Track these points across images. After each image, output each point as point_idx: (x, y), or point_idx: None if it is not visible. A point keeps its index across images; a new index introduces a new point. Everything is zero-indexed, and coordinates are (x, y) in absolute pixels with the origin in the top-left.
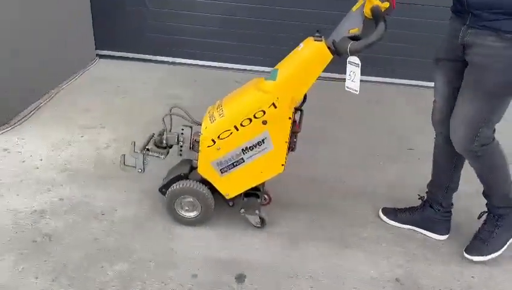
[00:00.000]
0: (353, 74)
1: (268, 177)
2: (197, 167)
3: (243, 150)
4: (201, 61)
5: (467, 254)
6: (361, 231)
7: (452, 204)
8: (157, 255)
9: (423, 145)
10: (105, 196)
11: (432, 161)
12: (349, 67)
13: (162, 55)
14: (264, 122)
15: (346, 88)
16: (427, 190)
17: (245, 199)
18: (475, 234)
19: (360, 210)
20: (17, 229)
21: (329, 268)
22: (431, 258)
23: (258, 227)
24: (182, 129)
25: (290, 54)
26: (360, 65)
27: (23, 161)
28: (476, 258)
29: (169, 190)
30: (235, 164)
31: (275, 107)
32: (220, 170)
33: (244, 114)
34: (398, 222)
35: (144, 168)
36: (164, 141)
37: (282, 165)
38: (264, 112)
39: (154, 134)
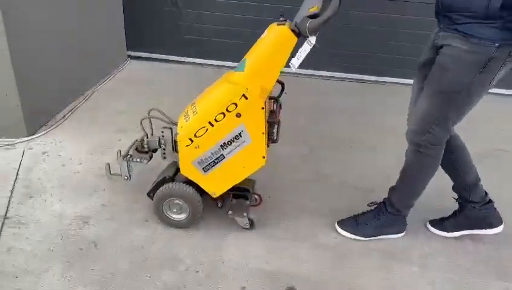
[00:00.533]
0: (303, 52)
1: (252, 172)
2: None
3: (221, 146)
4: (232, 63)
5: (338, 225)
6: (412, 244)
7: (486, 194)
8: (205, 265)
9: None
10: (148, 202)
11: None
12: (304, 46)
13: (193, 57)
14: (238, 115)
15: (290, 65)
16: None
17: (233, 200)
18: (357, 214)
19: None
20: (62, 235)
21: (381, 284)
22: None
23: (247, 228)
24: (162, 132)
25: (256, 42)
26: (313, 44)
27: (63, 165)
28: (343, 232)
29: (157, 193)
30: (216, 161)
31: (246, 98)
32: (203, 168)
33: (216, 109)
34: (446, 230)
35: (129, 175)
36: (146, 146)
37: (263, 157)
38: (236, 105)
39: (137, 140)
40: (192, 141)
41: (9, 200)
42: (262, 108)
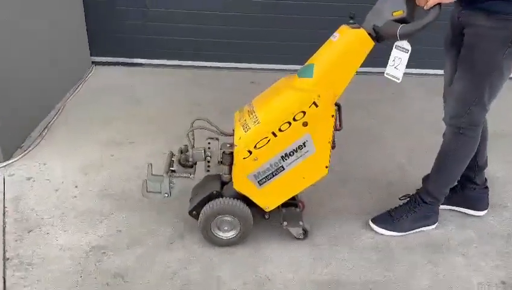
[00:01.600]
0: (398, 60)
1: (312, 183)
2: (227, 182)
3: (282, 157)
4: (208, 63)
5: (373, 223)
6: (445, 233)
7: (486, 180)
8: (249, 284)
9: None
10: (166, 220)
11: None
12: (394, 53)
13: (164, 58)
14: (305, 124)
15: (385, 75)
16: None
17: (283, 209)
18: (390, 209)
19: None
20: (80, 271)
21: (436, 280)
22: None
23: (300, 239)
24: (209, 143)
25: (323, 46)
26: (409, 51)
27: (57, 190)
28: (380, 230)
29: (203, 210)
30: (274, 173)
31: (316, 106)
32: (258, 181)
33: (282, 118)
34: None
35: (170, 192)
36: (190, 158)
37: (327, 167)
38: (305, 113)
39: (171, 152)
40: (250, 153)
41: (3, 239)
42: (333, 116)
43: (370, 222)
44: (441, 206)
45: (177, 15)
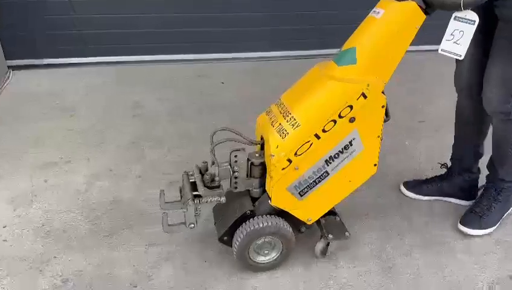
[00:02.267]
0: (459, 34)
1: (359, 185)
2: (257, 197)
3: (326, 161)
4: (140, 57)
5: (463, 226)
6: (443, 229)
7: (479, 169)
8: None
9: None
10: (124, 257)
11: (457, 127)
12: (454, 25)
13: (91, 56)
14: (352, 120)
15: (440, 51)
16: (452, 157)
17: (322, 220)
18: (471, 207)
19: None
20: None
21: (445, 284)
22: None
23: (325, 256)
24: (235, 156)
25: (363, 24)
26: (476, 22)
27: None
28: (473, 232)
29: (239, 234)
30: (317, 181)
31: (365, 97)
32: (299, 193)
33: (326, 116)
34: (424, 195)
35: (196, 221)
36: (216, 177)
37: (375, 165)
38: (352, 107)
39: (187, 173)
40: (290, 162)
41: None
42: (383, 106)
43: (459, 225)
44: (427, 198)
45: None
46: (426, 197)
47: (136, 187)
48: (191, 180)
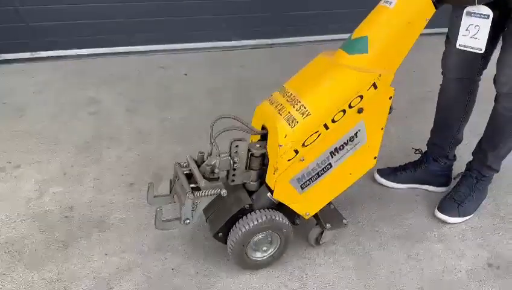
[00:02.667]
0: (475, 29)
1: (358, 178)
2: (254, 191)
3: (331, 153)
4: (97, 49)
5: (441, 213)
6: (416, 219)
7: (455, 156)
8: None
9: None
10: (82, 269)
11: (439, 112)
12: (468, 20)
13: (40, 50)
14: (360, 111)
15: (458, 46)
16: (429, 142)
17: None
18: (449, 194)
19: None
20: None
21: (424, 277)
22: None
23: (321, 244)
24: (236, 146)
25: (374, 13)
26: (491, 17)
27: None
28: (451, 219)
29: (236, 231)
30: (320, 173)
31: (376, 87)
32: (300, 185)
33: (337, 105)
34: (399, 182)
35: (192, 216)
36: (216, 169)
37: (375, 157)
38: (362, 98)
39: (178, 164)
40: (297, 153)
41: None
42: (390, 97)
43: (437, 212)
44: (398, 185)
45: None
46: (400, 185)
47: (93, 191)
48: (185, 172)
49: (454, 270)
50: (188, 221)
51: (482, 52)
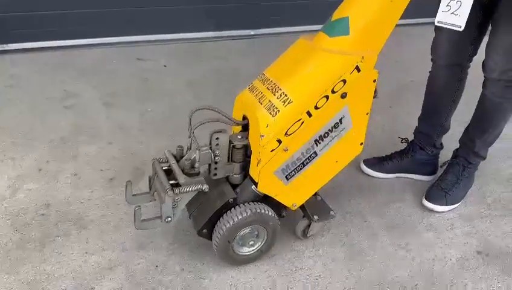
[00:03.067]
0: (457, 4)
1: (345, 165)
2: (238, 184)
3: (316, 141)
4: (65, 41)
5: (429, 202)
6: (404, 208)
7: (442, 144)
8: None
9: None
10: (60, 269)
11: (427, 99)
12: None
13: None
14: (344, 96)
15: (437, 23)
16: (417, 131)
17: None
18: (436, 182)
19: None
20: None
21: (415, 267)
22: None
23: (309, 236)
24: (217, 138)
25: None
26: None
27: None
28: (439, 208)
29: (221, 226)
30: (305, 163)
31: (359, 70)
32: (286, 176)
33: (320, 91)
34: (385, 172)
35: (174, 214)
36: (196, 163)
37: (361, 143)
38: (345, 82)
39: (157, 160)
40: (280, 143)
41: None
42: (375, 80)
43: (424, 201)
44: (385, 175)
45: None
46: (387, 175)
47: (70, 188)
48: (164, 168)
49: (445, 258)
50: (170, 219)
51: (461, 29)
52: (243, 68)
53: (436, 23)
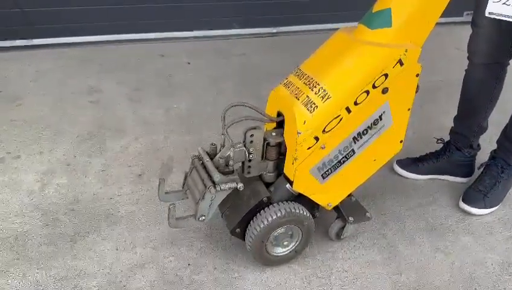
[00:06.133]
0: None
1: (383, 164)
2: (270, 182)
3: (354, 138)
4: (90, 37)
5: (467, 204)
6: (442, 210)
7: (479, 145)
8: None
9: None
10: (92, 265)
11: (464, 99)
12: None
13: (39, 38)
14: (385, 91)
15: (488, 14)
16: (453, 131)
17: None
18: (474, 184)
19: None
20: None
21: (455, 271)
22: None
23: (343, 238)
24: (251, 135)
25: None
26: None
27: None
28: (477, 211)
29: (255, 226)
30: (342, 161)
31: (402, 64)
32: (322, 175)
33: (360, 86)
34: (420, 173)
35: (209, 213)
36: (231, 161)
37: (401, 141)
38: (387, 76)
39: (198, 156)
40: (317, 140)
41: None
42: (417, 75)
43: (461, 203)
44: (419, 176)
45: None
46: (421, 176)
47: (99, 183)
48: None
49: (486, 263)
50: (204, 217)
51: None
52: (265, 65)
53: (487, 15)
